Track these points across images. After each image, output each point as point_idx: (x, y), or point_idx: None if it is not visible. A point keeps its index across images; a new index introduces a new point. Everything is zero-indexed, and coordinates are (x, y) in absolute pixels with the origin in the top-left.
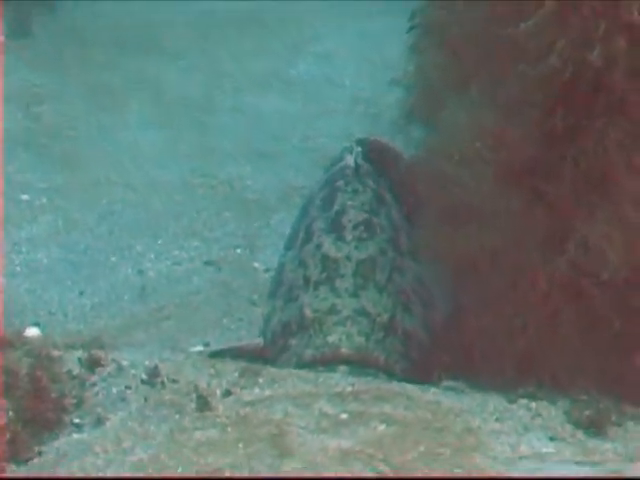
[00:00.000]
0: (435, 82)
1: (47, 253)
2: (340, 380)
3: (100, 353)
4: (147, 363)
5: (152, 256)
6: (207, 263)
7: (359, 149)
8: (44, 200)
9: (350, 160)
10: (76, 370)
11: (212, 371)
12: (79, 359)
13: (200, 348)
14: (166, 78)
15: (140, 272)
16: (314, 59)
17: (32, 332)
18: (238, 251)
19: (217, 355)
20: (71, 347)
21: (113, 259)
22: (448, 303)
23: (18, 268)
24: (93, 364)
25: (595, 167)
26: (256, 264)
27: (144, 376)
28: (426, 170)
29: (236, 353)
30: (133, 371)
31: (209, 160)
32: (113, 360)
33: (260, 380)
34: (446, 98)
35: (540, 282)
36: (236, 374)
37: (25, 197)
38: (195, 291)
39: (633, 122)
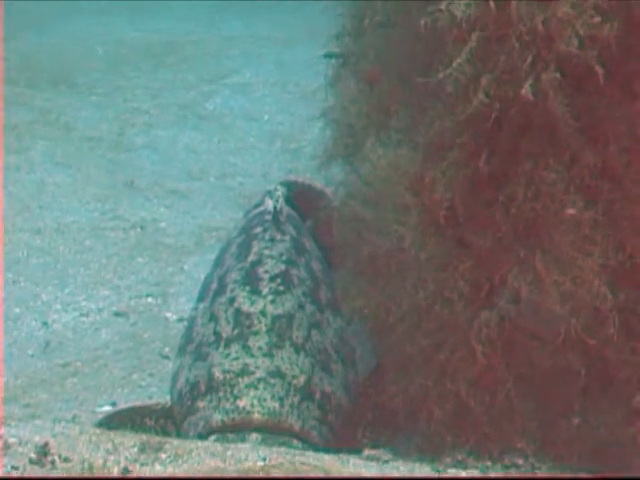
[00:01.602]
0: (353, 118)
1: None
2: (250, 453)
3: None
4: (37, 439)
5: (58, 306)
6: (117, 314)
7: (280, 192)
8: None
9: (269, 205)
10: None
11: (109, 446)
12: None
13: (107, 408)
14: (76, 114)
15: (45, 324)
16: (231, 92)
17: None
18: (150, 300)
19: (122, 415)
20: None
21: (17, 310)
22: (371, 359)
23: None
24: None
25: (525, 213)
26: (168, 314)
27: (33, 455)
28: (344, 215)
29: (143, 413)
30: (21, 449)
31: (120, 201)
32: None
33: (162, 455)
34: (365, 135)
35: (468, 340)
36: (135, 449)
37: None
38: (103, 345)
39: (565, 163)
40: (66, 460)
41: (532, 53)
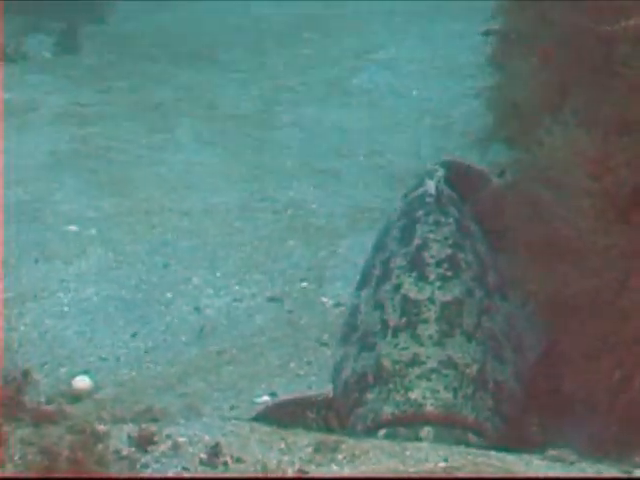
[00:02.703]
0: (522, 98)
1: (97, 290)
2: (430, 453)
3: (153, 428)
4: (207, 439)
5: (210, 291)
6: (271, 299)
7: (440, 173)
8: (93, 231)
9: (431, 187)
10: (125, 449)
11: (283, 446)
12: (129, 436)
13: (266, 398)
14: (220, 92)
15: (197, 310)
16: (377, 67)
17: (82, 382)
18: (304, 284)
19: (282, 407)
20: (120, 420)
21: (168, 295)
22: (539, 345)
23: (66, 308)
24: (145, 442)
25: None
26: (324, 299)
27: (204, 455)
28: (516, 197)
29: (303, 405)
30: (191, 449)
31: (269, 182)
32: (168, 436)
33: (338, 456)
34: (536, 116)
35: None
36: (310, 449)
37: (73, 228)
38: (258, 331)
39: None
40: (238, 461)
41: None
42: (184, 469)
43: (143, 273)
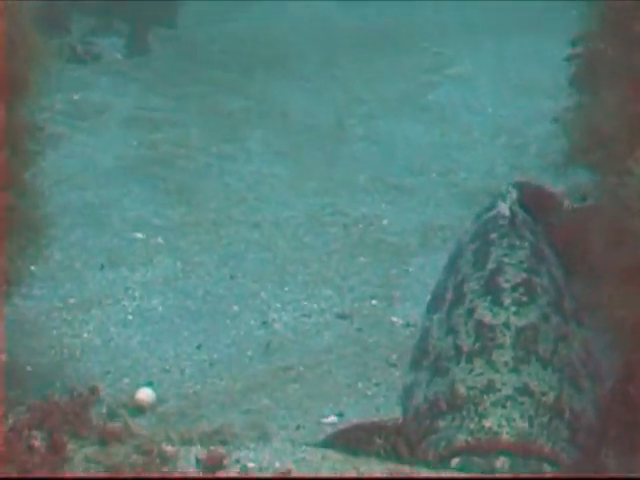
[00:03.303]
0: (610, 126)
1: (162, 300)
2: None
3: (222, 451)
4: (278, 465)
5: (278, 305)
6: (340, 316)
7: (515, 195)
8: (160, 239)
9: (505, 209)
10: (193, 472)
11: (354, 475)
12: (197, 459)
13: (334, 419)
14: (293, 103)
15: (265, 324)
16: (452, 82)
17: (145, 394)
18: (374, 302)
19: (350, 433)
20: (187, 441)
21: (235, 308)
22: (614, 373)
23: (130, 317)
24: (213, 465)
25: None
26: (394, 318)
27: None
28: (601, 223)
29: (372, 430)
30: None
31: (340, 195)
32: (237, 461)
33: None
34: (624, 146)
35: None
36: None
37: (139, 235)
38: (326, 349)
39: None
40: None
41: None
42: None
43: (210, 284)
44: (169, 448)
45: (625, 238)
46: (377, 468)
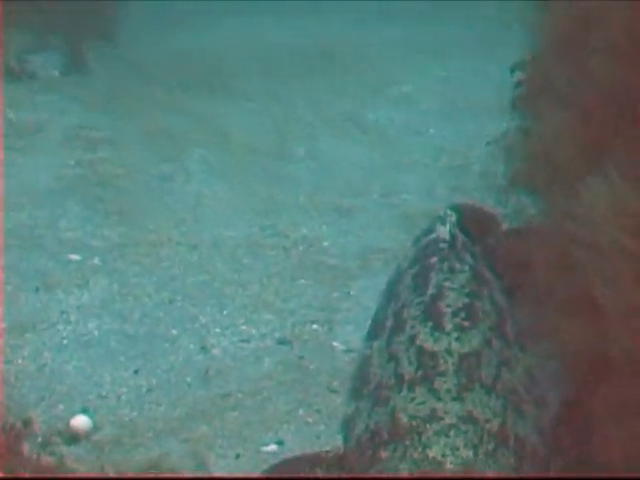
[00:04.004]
0: (554, 149)
1: (99, 323)
2: None
3: None
4: None
5: (217, 330)
6: (280, 341)
7: (454, 217)
8: (96, 261)
9: (444, 232)
10: None
11: None
12: None
13: (273, 447)
14: (233, 122)
15: (204, 349)
16: (394, 103)
17: (80, 421)
18: (315, 327)
19: (290, 464)
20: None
21: (174, 332)
22: (557, 397)
23: (65, 341)
24: None
25: None
26: (335, 343)
27: None
28: (546, 251)
29: (312, 461)
30: None
31: (280, 217)
32: None
33: None
34: (570, 169)
35: None
36: None
37: (75, 257)
38: (266, 375)
39: None
40: None
41: None
42: None
43: (148, 307)
44: None
45: (570, 266)
46: None
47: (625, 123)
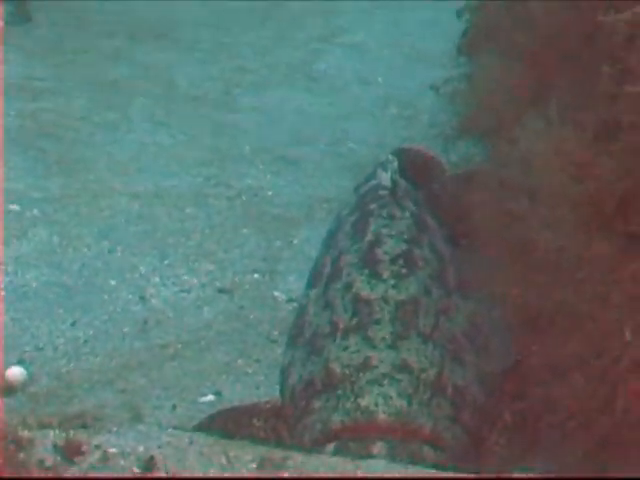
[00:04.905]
0: (497, 94)
1: (37, 275)
2: (385, 473)
3: (81, 437)
4: (141, 451)
5: (157, 280)
6: (220, 291)
7: (395, 163)
8: (36, 212)
9: (385, 179)
10: (50, 459)
11: (224, 460)
12: (54, 445)
13: (211, 398)
14: (179, 72)
15: (142, 299)
16: (343, 52)
17: (15, 373)
18: (256, 276)
19: (226, 415)
20: (47, 426)
21: (112, 283)
22: (509, 347)
23: (2, 292)
24: (72, 452)
25: None
26: (276, 293)
27: (136, 470)
28: (487, 199)
29: (250, 412)
30: (122, 462)
31: (225, 167)
32: (97, 447)
33: (284, 474)
34: (513, 113)
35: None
36: (254, 465)
37: (14, 208)
38: (205, 325)
39: None
40: None
41: None
42: None
43: (87, 258)
44: (25, 433)
45: (511, 218)
46: (249, 453)
47: (566, 65)
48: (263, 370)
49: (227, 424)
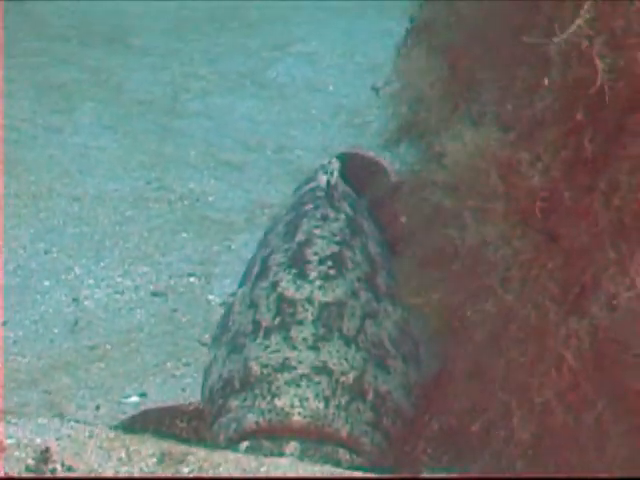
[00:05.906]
0: (426, 94)
1: None
2: (289, 471)
3: None
4: (38, 442)
5: (91, 282)
6: (154, 294)
7: (336, 166)
8: None
9: (323, 180)
10: None
11: (123, 454)
12: None
13: (135, 399)
14: (129, 76)
15: (75, 301)
16: (295, 60)
17: None
18: (192, 279)
19: (148, 416)
20: None
21: (46, 283)
22: (438, 358)
23: None
24: None
25: (631, 204)
26: (211, 296)
27: (30, 461)
28: (414, 201)
29: (173, 413)
30: (18, 453)
31: (168, 171)
32: None
33: (184, 469)
34: (440, 112)
35: (553, 351)
36: (154, 459)
37: None
38: (137, 327)
39: None
40: (69, 469)
41: None
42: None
43: (23, 259)
44: None
45: (434, 217)
46: (149, 448)
47: (493, 61)
48: (191, 373)
49: (149, 424)
